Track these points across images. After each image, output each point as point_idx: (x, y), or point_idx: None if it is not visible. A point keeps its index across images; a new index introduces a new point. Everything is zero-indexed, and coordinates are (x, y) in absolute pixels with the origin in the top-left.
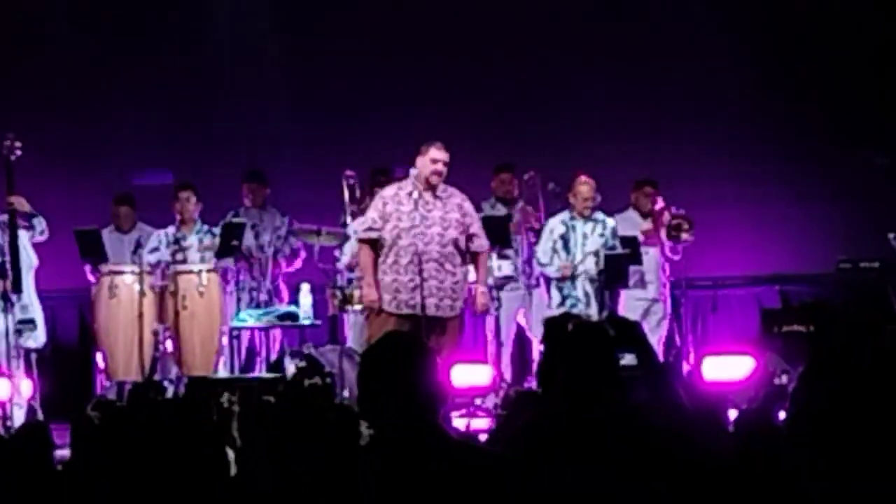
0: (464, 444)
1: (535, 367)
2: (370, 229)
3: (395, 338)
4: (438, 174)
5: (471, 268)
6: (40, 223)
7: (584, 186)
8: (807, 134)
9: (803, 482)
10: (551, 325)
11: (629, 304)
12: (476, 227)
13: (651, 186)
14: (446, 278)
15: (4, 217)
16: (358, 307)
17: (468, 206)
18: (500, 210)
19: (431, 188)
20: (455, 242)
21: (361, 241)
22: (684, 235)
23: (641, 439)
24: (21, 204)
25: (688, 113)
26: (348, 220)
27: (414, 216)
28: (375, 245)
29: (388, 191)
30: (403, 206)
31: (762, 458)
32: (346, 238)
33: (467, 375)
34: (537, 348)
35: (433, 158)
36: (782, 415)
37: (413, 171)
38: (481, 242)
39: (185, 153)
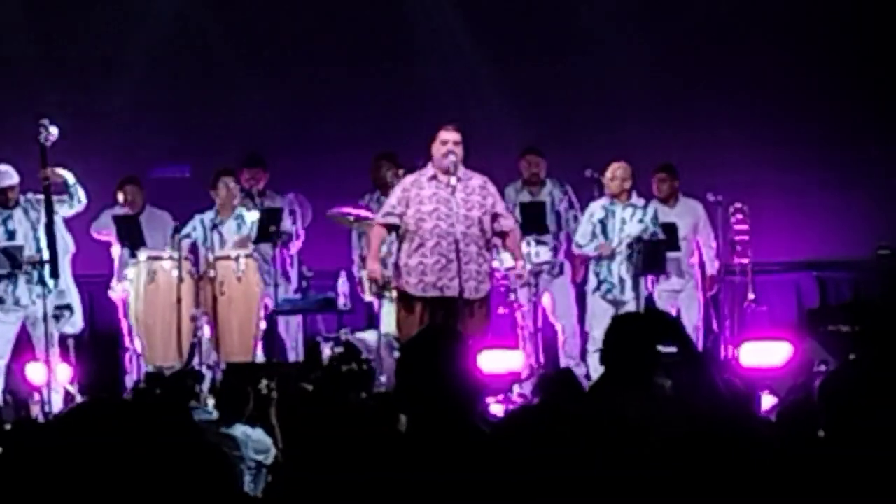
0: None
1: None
2: (389, 214)
3: (435, 330)
4: (450, 154)
5: (505, 254)
6: (77, 190)
7: (618, 170)
8: (845, 119)
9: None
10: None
11: (658, 292)
12: (500, 207)
13: (665, 172)
14: (471, 260)
15: (41, 196)
16: (394, 293)
17: (491, 186)
18: (526, 195)
19: (450, 171)
20: (480, 224)
21: (378, 224)
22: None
23: (682, 424)
24: (55, 174)
25: (725, 99)
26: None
27: (435, 199)
28: (390, 230)
29: (409, 178)
30: (424, 191)
31: (805, 445)
32: None
33: (499, 361)
34: (560, 334)
35: (442, 140)
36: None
37: None
38: (508, 222)
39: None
